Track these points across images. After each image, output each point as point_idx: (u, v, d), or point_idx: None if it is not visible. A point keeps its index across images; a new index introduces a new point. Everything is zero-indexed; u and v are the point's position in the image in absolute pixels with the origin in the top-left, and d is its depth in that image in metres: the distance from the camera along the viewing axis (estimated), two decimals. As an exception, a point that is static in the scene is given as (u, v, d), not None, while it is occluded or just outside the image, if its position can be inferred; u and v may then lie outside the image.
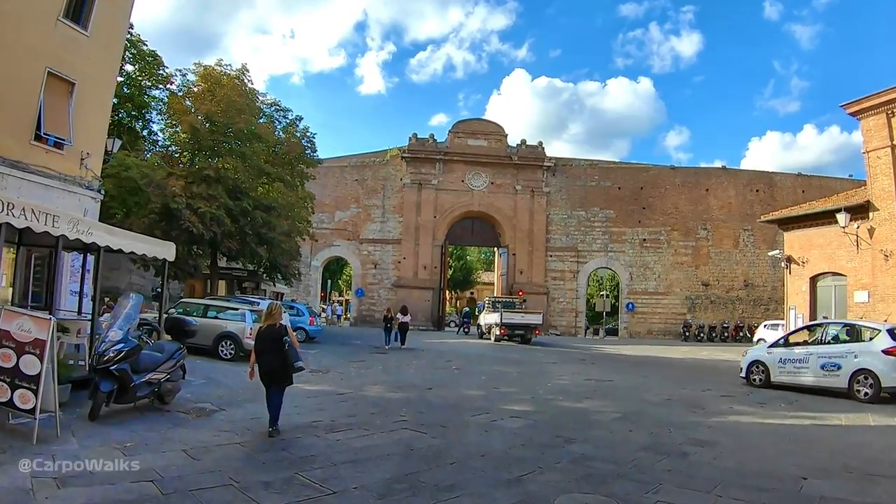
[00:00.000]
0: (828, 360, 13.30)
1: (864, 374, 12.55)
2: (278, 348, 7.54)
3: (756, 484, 6.24)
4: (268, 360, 7.60)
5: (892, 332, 12.68)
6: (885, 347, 12.37)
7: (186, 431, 7.54)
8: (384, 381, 13.48)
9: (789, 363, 14.14)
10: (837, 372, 13.03)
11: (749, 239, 41.71)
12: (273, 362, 7.56)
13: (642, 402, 11.77)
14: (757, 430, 9.42)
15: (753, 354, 15.54)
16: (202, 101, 23.62)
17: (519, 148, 42.27)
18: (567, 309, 41.48)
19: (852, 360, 12.87)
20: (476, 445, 7.47)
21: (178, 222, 20.89)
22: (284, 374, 7.61)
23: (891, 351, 12.25)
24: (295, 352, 7.65)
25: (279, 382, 7.65)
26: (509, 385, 13.68)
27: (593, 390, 13.23)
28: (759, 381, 14.70)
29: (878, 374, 12.23)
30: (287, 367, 7.55)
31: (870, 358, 12.55)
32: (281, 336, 7.61)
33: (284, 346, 7.54)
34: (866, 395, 12.38)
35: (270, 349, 7.59)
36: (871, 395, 12.31)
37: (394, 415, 9.20)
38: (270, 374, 7.62)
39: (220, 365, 14.35)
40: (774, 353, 14.72)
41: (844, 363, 12.95)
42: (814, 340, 14.27)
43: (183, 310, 16.34)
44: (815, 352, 13.73)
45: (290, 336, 7.78)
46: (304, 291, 39.96)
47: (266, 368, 7.65)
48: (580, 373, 16.83)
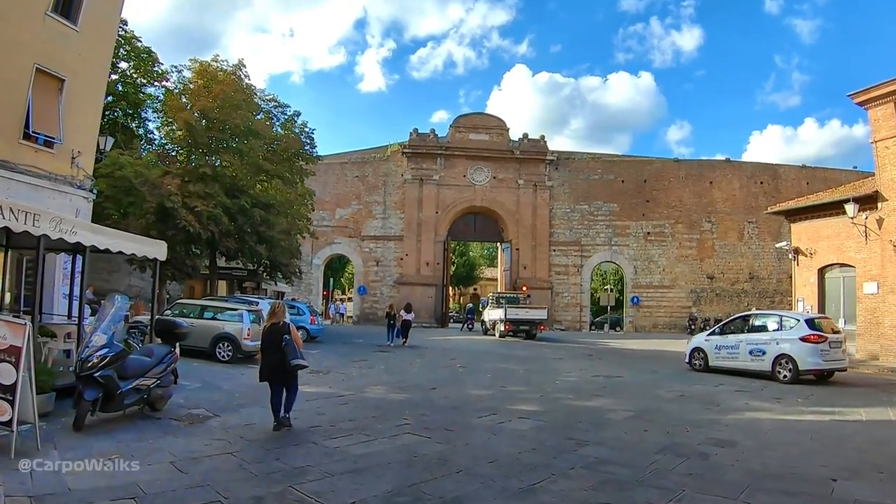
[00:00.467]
0: (755, 347, 14.88)
1: (784, 359, 14.14)
2: (279, 346, 7.67)
3: (784, 487, 5.84)
4: (269, 358, 7.79)
5: (810, 322, 14.39)
6: (802, 335, 13.96)
7: (177, 440, 7.11)
8: (386, 382, 13.05)
9: (724, 349, 15.71)
10: (763, 357, 14.63)
11: (754, 231, 41.31)
12: (273, 360, 7.73)
13: (655, 399, 11.34)
14: (777, 427, 9.00)
15: (695, 342, 17.15)
16: (198, 98, 23.19)
17: (521, 142, 41.73)
18: (571, 304, 41.02)
19: (775, 346, 14.44)
20: (483, 450, 7.04)
21: (175, 222, 20.47)
22: (284, 371, 7.70)
23: (807, 338, 13.86)
24: (294, 350, 7.69)
25: (280, 380, 7.78)
26: (516, 383, 13.25)
27: (603, 387, 12.79)
28: (699, 366, 16.26)
29: (796, 358, 13.89)
30: (284, 365, 7.64)
31: (789, 345, 14.15)
32: (282, 335, 7.71)
33: (283, 344, 7.64)
34: (786, 378, 13.97)
35: (272, 347, 7.75)
36: (791, 377, 13.90)
37: (396, 418, 8.76)
38: (271, 371, 7.78)
39: (217, 368, 13.93)
40: (712, 340, 16.31)
41: (768, 349, 14.54)
42: (745, 329, 15.82)
43: (179, 311, 15.92)
44: (745, 339, 15.34)
45: (294, 335, 7.86)
46: (306, 290, 39.53)
47: (268, 366, 7.82)
48: (588, 369, 16.38)
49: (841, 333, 15.19)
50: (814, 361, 13.88)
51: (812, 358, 13.84)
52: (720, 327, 16.84)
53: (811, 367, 13.92)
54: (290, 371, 7.74)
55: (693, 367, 16.46)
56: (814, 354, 13.83)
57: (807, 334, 13.97)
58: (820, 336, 13.99)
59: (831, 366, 14.27)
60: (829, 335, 14.24)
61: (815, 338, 13.91)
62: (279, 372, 7.73)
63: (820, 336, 13.99)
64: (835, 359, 14.22)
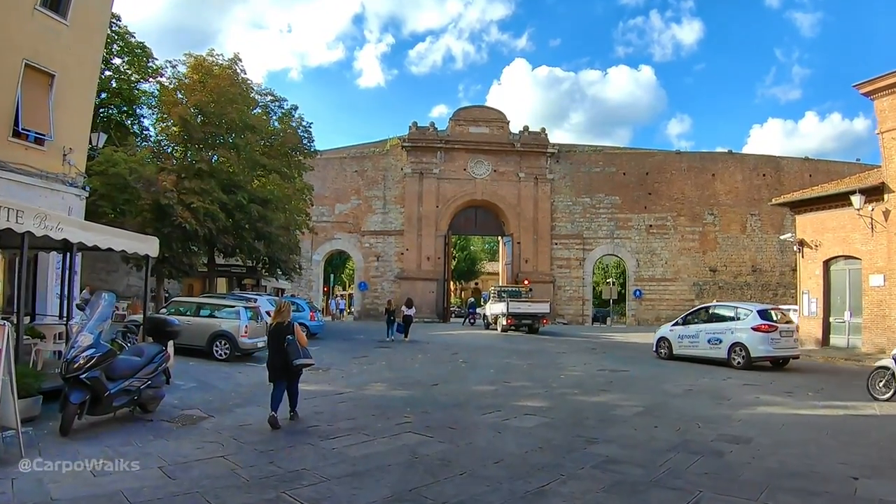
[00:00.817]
0: (713, 336, 16.09)
1: (738, 347, 15.31)
2: (283, 346, 7.89)
3: (804, 486, 5.55)
4: (273, 356, 8.02)
5: (761, 313, 15.45)
6: (754, 325, 15.10)
7: (167, 444, 6.81)
8: (387, 379, 12.75)
9: (686, 339, 16.98)
10: (719, 345, 15.81)
11: (756, 224, 41.07)
12: (276, 358, 7.94)
13: (663, 393, 11.04)
14: (790, 422, 8.69)
15: (660, 332, 18.36)
16: (193, 92, 22.86)
17: (521, 135, 41.32)
18: (574, 297, 40.70)
19: (730, 335, 15.61)
20: (488, 450, 6.73)
21: (171, 219, 20.17)
22: (286, 370, 7.92)
23: (758, 328, 15.00)
24: (296, 350, 7.92)
25: (282, 377, 7.95)
26: (520, 378, 12.96)
27: (609, 382, 12.49)
28: (665, 354, 17.54)
29: (748, 346, 15.07)
30: (288, 363, 7.86)
31: (742, 333, 15.31)
32: (285, 335, 7.92)
33: (285, 343, 7.87)
34: (739, 363, 15.15)
35: (276, 346, 7.97)
36: (744, 363, 15.08)
37: (397, 416, 8.46)
38: (274, 369, 7.98)
39: (213, 366, 13.59)
40: (675, 330, 17.52)
41: (724, 338, 15.72)
42: (704, 320, 17.03)
43: (175, 309, 15.59)
44: (704, 329, 16.55)
45: (298, 334, 8.05)
46: (306, 286, 39.25)
47: (271, 364, 8.05)
48: (593, 363, 16.10)
49: (793, 324, 16.31)
50: (764, 349, 15.01)
51: (763, 346, 14.99)
52: (683, 318, 17.90)
53: (762, 354, 15.04)
54: (293, 370, 7.98)
55: (659, 356, 17.67)
56: (764, 342, 14.95)
57: (758, 324, 15.09)
58: (770, 326, 15.07)
59: (782, 353, 15.32)
60: (780, 325, 15.28)
61: (765, 327, 15.02)
62: (281, 370, 7.92)
63: (770, 326, 15.07)
64: (786, 347, 15.28)
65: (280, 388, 7.98)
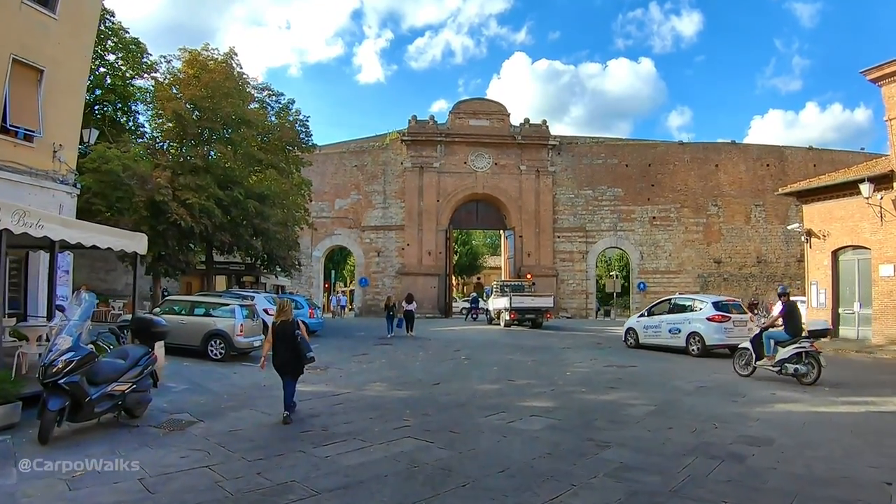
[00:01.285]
0: (673, 326, 17.30)
1: (695, 336, 16.48)
2: (291, 342, 8.11)
3: (836, 495, 5.12)
4: (281, 353, 8.17)
5: (716, 304, 16.67)
6: (709, 315, 16.29)
7: (151, 453, 6.39)
8: (387, 378, 12.31)
9: (650, 329, 18.22)
10: (679, 335, 16.99)
11: (761, 214, 40.68)
12: (286, 355, 8.14)
13: (674, 390, 10.60)
14: (811, 421, 8.23)
15: (628, 323, 19.84)
16: (187, 87, 22.43)
17: (522, 127, 40.81)
18: (577, 291, 40.25)
19: (688, 325, 16.83)
20: (493, 457, 6.29)
21: (166, 216, 19.79)
22: (297, 365, 8.21)
23: (713, 318, 16.17)
24: (307, 344, 8.27)
25: (292, 373, 8.21)
26: (525, 376, 12.50)
27: (617, 379, 12.02)
28: (632, 344, 18.81)
29: (704, 335, 16.23)
30: (300, 358, 8.14)
31: (698, 324, 16.49)
32: (293, 331, 8.17)
33: (297, 339, 8.12)
34: (696, 351, 16.34)
35: (284, 343, 8.15)
36: (700, 351, 16.23)
37: (396, 419, 8.02)
38: (284, 365, 8.17)
39: (208, 367, 13.18)
40: (641, 321, 18.88)
41: (683, 328, 16.94)
42: (667, 311, 18.15)
43: (169, 308, 15.17)
44: (665, 319, 17.78)
45: (302, 330, 8.33)
46: (307, 283, 38.88)
47: (280, 361, 8.21)
48: (599, 359, 15.65)
49: (747, 314, 17.26)
50: (718, 338, 16.05)
51: (717, 335, 16.07)
52: (648, 310, 19.24)
53: (716, 343, 16.07)
54: (303, 363, 8.26)
55: (627, 345, 18.92)
56: (718, 332, 16.04)
57: (712, 315, 16.26)
58: (723, 316, 16.19)
59: (735, 341, 15.27)
60: (733, 316, 16.38)
61: (718, 318, 16.15)
62: (292, 365, 8.20)
63: (723, 316, 16.19)
64: (739, 335, 15.48)
65: (289, 385, 8.19)
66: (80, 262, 26.64)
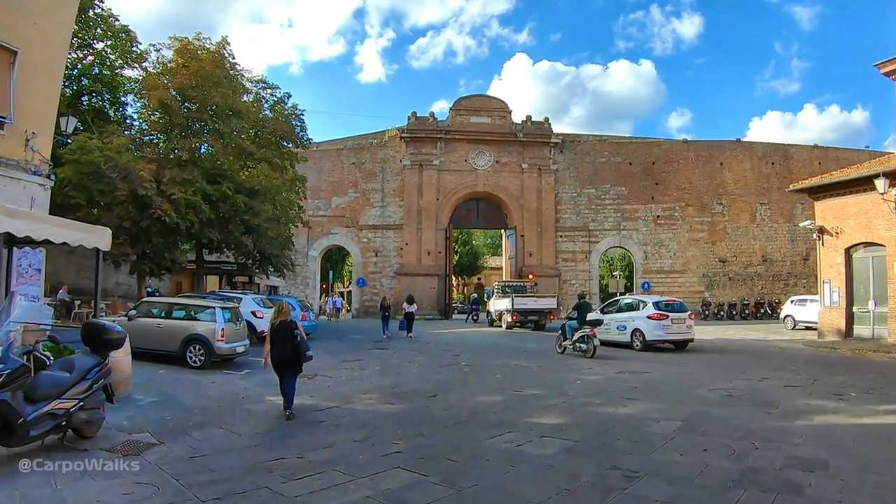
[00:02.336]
0: (620, 323, 18.79)
1: (637, 332, 17.94)
2: (290, 341, 8.45)
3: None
4: (280, 352, 8.43)
5: (657, 304, 18.06)
6: (649, 314, 17.73)
7: (93, 486, 5.30)
8: (379, 387, 11.19)
9: (602, 326, 18.47)
10: (625, 331, 18.47)
11: (766, 213, 39.90)
12: (285, 353, 8.41)
13: (698, 400, 9.50)
14: (859, 435, 7.21)
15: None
16: (175, 76, 21.38)
17: (524, 124, 39.73)
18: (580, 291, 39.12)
19: (632, 322, 18.31)
20: (500, 495, 5.18)
21: (149, 211, 18.72)
22: (296, 363, 8.50)
23: (652, 316, 17.60)
24: (306, 344, 8.66)
25: (291, 371, 8.51)
26: (531, 385, 11.38)
27: (633, 387, 10.90)
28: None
29: (644, 331, 17.73)
30: (299, 356, 8.45)
31: (640, 322, 17.91)
32: (292, 330, 8.51)
33: (296, 339, 8.47)
34: (638, 346, 17.77)
35: (283, 342, 8.46)
36: (641, 346, 17.69)
37: (385, 442, 6.89)
38: (283, 364, 8.46)
39: (185, 375, 12.05)
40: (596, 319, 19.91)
41: (628, 325, 18.43)
42: (616, 310, 19.59)
43: (146, 310, 14.07)
44: (614, 318, 19.13)
45: (300, 330, 8.68)
46: (302, 284, 37.79)
47: (278, 359, 8.48)
48: (610, 364, 14.53)
49: (686, 312, 18.34)
50: (657, 334, 17.48)
51: (656, 331, 17.48)
52: (601, 309, 20.69)
53: (655, 338, 17.50)
54: (301, 362, 8.56)
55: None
56: (657, 329, 17.46)
57: (652, 313, 17.65)
58: (661, 315, 17.55)
59: (674, 337, 17.70)
60: (671, 314, 17.66)
61: (657, 316, 17.54)
62: (291, 364, 8.48)
63: (661, 315, 17.55)
64: (678, 332, 17.62)
65: (288, 381, 8.48)
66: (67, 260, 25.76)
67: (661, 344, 17.66)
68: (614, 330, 18.80)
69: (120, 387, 9.51)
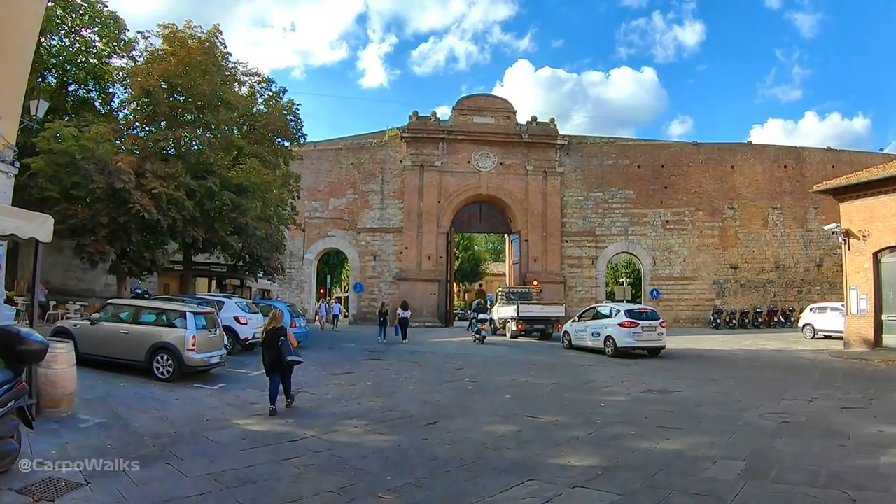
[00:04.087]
0: (595, 330, 19.03)
1: (609, 339, 18.15)
2: (277, 346, 9.25)
3: None
4: (269, 355, 9.31)
5: (628, 312, 18.31)
6: (620, 322, 17.91)
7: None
8: (369, 410, 9.50)
9: (579, 333, 20.15)
10: (599, 338, 18.64)
11: (779, 218, 38.18)
12: (272, 357, 9.26)
13: (752, 429, 7.94)
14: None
15: (565, 328, 21.93)
16: (161, 62, 19.95)
17: (529, 125, 38.16)
18: (586, 298, 37.30)
19: (605, 330, 18.41)
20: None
21: (127, 206, 17.24)
22: (279, 365, 9.23)
23: (623, 324, 17.78)
24: (289, 348, 9.33)
25: (275, 372, 9.26)
26: (549, 408, 9.72)
27: (668, 412, 9.30)
28: (566, 345, 21.01)
29: (615, 338, 17.86)
30: (281, 360, 9.19)
31: (612, 329, 18.08)
32: (279, 337, 9.32)
33: (278, 343, 9.26)
34: (610, 352, 18.00)
35: (271, 346, 9.32)
36: (612, 352, 17.88)
37: (368, 495, 5.29)
38: (270, 365, 9.28)
39: (148, 389, 10.45)
40: (573, 326, 20.92)
41: (602, 332, 18.58)
42: (591, 316, 20.02)
43: (111, 313, 12.50)
44: (590, 325, 19.50)
45: (289, 336, 9.51)
46: (297, 288, 36.25)
47: (267, 361, 9.35)
48: (631, 379, 12.96)
49: (658, 320, 18.45)
50: (628, 341, 17.62)
51: (627, 339, 17.63)
52: (578, 316, 21.28)
53: (625, 345, 17.64)
54: (285, 365, 9.30)
55: (563, 346, 21.10)
56: (628, 336, 17.61)
57: (623, 321, 17.84)
58: (632, 322, 17.72)
59: (643, 344, 17.88)
60: (642, 322, 17.85)
61: (628, 324, 17.70)
62: (276, 365, 9.23)
63: (632, 322, 17.72)
64: (648, 339, 17.87)
65: (275, 382, 9.24)
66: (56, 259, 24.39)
67: (631, 350, 17.70)
68: (589, 336, 19.28)
69: (62, 405, 8.08)
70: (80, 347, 12.17)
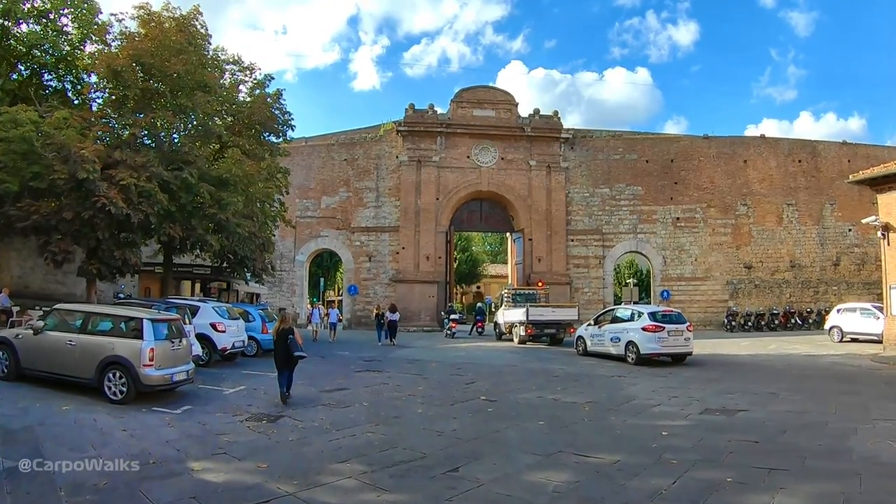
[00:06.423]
0: (614, 335, 17.72)
1: (631, 345, 16.79)
2: (286, 343, 10.41)
3: None
4: (279, 351, 10.52)
5: (652, 315, 16.99)
6: (644, 325, 16.55)
7: None
8: (367, 445, 7.38)
9: (596, 338, 18.74)
10: (619, 343, 17.38)
11: (794, 214, 36.27)
12: (282, 353, 10.44)
13: (876, 467, 5.96)
14: None
15: (579, 332, 20.21)
16: (132, 41, 18.04)
17: (532, 118, 36.17)
18: (593, 300, 35.40)
19: (626, 335, 17.14)
20: None
21: (92, 199, 15.26)
22: (289, 361, 10.40)
23: (647, 328, 16.40)
24: (296, 345, 10.45)
25: (286, 367, 10.41)
26: (597, 441, 7.69)
27: (753, 443, 7.28)
28: (581, 351, 19.44)
29: (638, 344, 16.56)
30: (290, 356, 10.35)
31: (635, 333, 16.76)
32: (287, 335, 10.46)
33: (287, 341, 10.40)
34: (632, 359, 16.60)
35: (281, 344, 10.49)
36: (635, 359, 16.52)
37: None
38: (281, 361, 10.43)
39: (95, 415, 8.35)
40: (589, 330, 19.32)
41: (622, 337, 17.29)
42: (610, 321, 18.63)
43: (59, 320, 10.42)
44: (609, 329, 18.19)
45: (296, 335, 10.62)
46: (288, 291, 34.18)
47: (277, 357, 10.54)
48: (677, 394, 10.96)
49: (685, 324, 16.97)
50: (652, 347, 16.31)
51: (651, 344, 16.29)
52: (594, 319, 19.61)
53: (650, 352, 16.34)
54: (293, 360, 10.43)
55: (578, 353, 19.51)
56: (652, 341, 16.25)
57: (647, 325, 16.48)
58: (657, 326, 16.33)
59: (669, 351, 16.52)
60: (668, 326, 16.42)
61: (652, 328, 16.33)
62: (286, 362, 10.40)
63: (657, 326, 16.33)
64: (674, 345, 16.43)
65: (284, 376, 10.38)
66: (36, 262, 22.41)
67: (655, 357, 16.50)
68: (608, 342, 17.94)
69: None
70: (21, 361, 10.27)
